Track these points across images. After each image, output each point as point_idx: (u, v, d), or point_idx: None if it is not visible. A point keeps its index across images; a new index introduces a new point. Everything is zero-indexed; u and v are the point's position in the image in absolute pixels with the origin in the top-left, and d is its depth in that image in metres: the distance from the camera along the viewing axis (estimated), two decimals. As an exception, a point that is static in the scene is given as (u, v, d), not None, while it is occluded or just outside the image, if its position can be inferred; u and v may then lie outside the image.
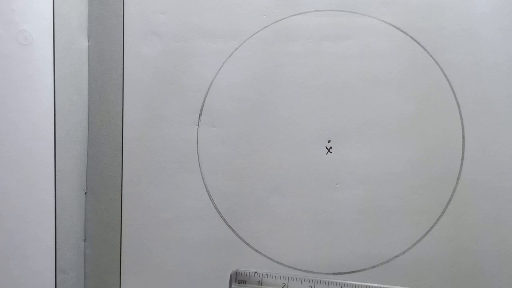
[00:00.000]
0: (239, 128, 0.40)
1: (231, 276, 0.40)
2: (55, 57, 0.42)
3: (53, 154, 0.41)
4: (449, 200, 0.37)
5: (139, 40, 0.41)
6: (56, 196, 0.41)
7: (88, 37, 0.42)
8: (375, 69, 0.39)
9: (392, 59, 0.39)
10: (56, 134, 0.41)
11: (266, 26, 0.40)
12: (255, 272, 0.39)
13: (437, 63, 0.38)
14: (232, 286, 0.39)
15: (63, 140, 0.41)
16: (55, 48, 0.42)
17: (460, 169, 0.38)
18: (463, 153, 0.37)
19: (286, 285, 0.39)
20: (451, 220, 0.38)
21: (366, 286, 0.38)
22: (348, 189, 0.38)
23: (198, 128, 0.40)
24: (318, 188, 0.38)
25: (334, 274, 0.38)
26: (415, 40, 0.38)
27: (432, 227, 0.38)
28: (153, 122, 0.41)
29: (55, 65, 0.41)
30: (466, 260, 0.37)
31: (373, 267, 0.38)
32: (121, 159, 0.41)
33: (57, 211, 0.41)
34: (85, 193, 0.42)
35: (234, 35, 0.41)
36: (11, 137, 0.41)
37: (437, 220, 0.38)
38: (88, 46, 0.42)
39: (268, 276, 0.39)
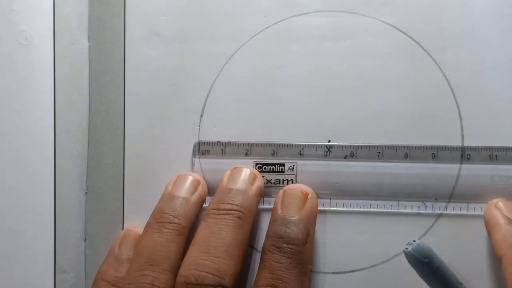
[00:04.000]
0: (239, 129, 0.40)
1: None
2: (55, 57, 0.42)
3: (53, 154, 0.41)
4: (449, 198, 0.38)
5: (140, 41, 0.41)
6: (56, 196, 0.41)
7: (88, 37, 0.42)
8: (375, 69, 0.39)
9: (392, 59, 0.39)
10: (56, 134, 0.41)
11: (267, 27, 0.40)
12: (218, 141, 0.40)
13: (436, 63, 0.38)
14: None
15: (63, 140, 0.41)
16: (55, 48, 0.42)
17: (460, 169, 0.38)
18: (462, 153, 0.38)
19: (249, 151, 0.40)
20: (451, 219, 0.38)
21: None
22: (348, 188, 0.39)
23: (199, 128, 0.41)
24: (318, 189, 0.38)
25: (334, 273, 0.39)
26: (415, 40, 0.39)
27: (432, 226, 0.38)
28: (154, 122, 0.41)
29: (55, 65, 0.42)
30: (466, 258, 0.37)
31: (373, 266, 0.38)
32: (122, 159, 0.41)
33: (57, 211, 0.41)
34: (85, 193, 0.42)
35: (234, 37, 0.41)
36: (11, 137, 0.41)
37: (437, 219, 0.38)
38: (89, 46, 0.42)
39: (231, 145, 0.40)
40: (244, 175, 0.38)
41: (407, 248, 0.33)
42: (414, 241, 0.34)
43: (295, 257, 0.34)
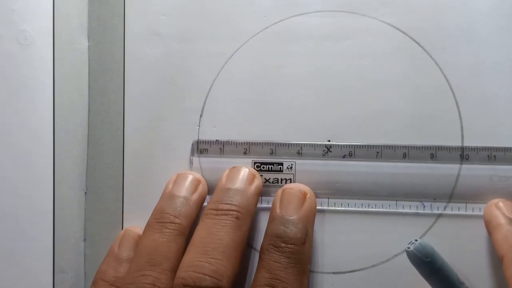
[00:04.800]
0: (239, 128, 0.40)
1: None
2: (55, 57, 0.42)
3: (53, 154, 0.41)
4: (449, 198, 0.38)
5: (140, 41, 0.41)
6: (55, 196, 0.41)
7: (88, 37, 0.42)
8: (375, 69, 0.39)
9: (391, 59, 0.39)
10: (55, 134, 0.41)
11: (266, 27, 0.40)
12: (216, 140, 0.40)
13: (436, 63, 0.38)
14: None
15: (63, 140, 0.41)
16: (55, 48, 0.42)
17: (460, 169, 0.38)
18: (462, 153, 0.38)
19: (248, 150, 0.40)
20: (451, 219, 0.38)
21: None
22: (346, 187, 0.39)
23: (199, 128, 0.41)
24: (316, 188, 0.38)
25: (333, 273, 0.39)
26: (415, 40, 0.39)
27: (431, 226, 0.38)
28: (154, 122, 0.41)
29: (55, 65, 0.42)
30: (466, 259, 0.37)
31: (373, 266, 0.38)
32: (122, 159, 0.41)
33: (56, 211, 0.41)
34: (85, 193, 0.42)
35: (234, 37, 0.41)
36: (10, 136, 0.41)
37: (437, 219, 0.38)
38: (89, 46, 0.42)
39: (230, 143, 0.40)
40: (242, 174, 0.38)
41: (409, 248, 0.33)
42: (416, 240, 0.33)
43: (293, 256, 0.34)
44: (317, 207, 0.38)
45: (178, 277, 0.33)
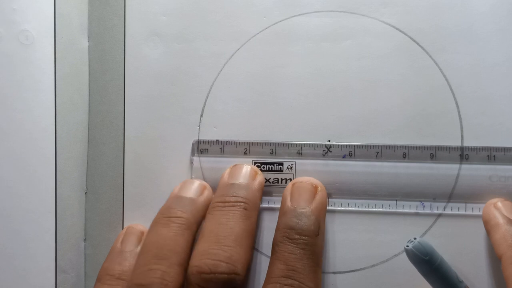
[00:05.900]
0: (239, 129, 0.40)
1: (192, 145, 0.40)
2: (56, 57, 0.42)
3: (54, 154, 0.41)
4: (449, 198, 0.38)
5: (140, 41, 0.41)
6: (57, 196, 0.41)
7: (88, 37, 0.42)
8: (375, 69, 0.39)
9: (391, 59, 0.39)
10: (56, 134, 0.41)
11: (267, 28, 0.41)
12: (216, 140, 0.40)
13: (436, 64, 0.38)
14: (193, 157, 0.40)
15: (63, 140, 0.41)
16: (56, 48, 0.42)
17: (459, 169, 0.38)
18: (462, 153, 0.38)
19: (248, 150, 0.40)
20: (451, 219, 0.38)
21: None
22: (346, 187, 0.39)
23: (199, 128, 0.41)
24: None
25: (333, 273, 0.39)
26: (414, 41, 0.39)
27: (431, 226, 0.38)
28: (154, 122, 0.41)
29: (56, 65, 0.42)
30: (465, 258, 0.37)
31: (373, 266, 0.38)
32: (122, 159, 0.41)
33: (57, 211, 0.41)
34: (86, 193, 0.42)
35: (234, 37, 0.41)
36: (12, 136, 0.41)
37: (437, 218, 0.38)
38: (89, 46, 0.42)
39: (230, 143, 0.40)
40: (245, 171, 0.38)
41: (408, 246, 0.33)
42: (415, 238, 0.33)
43: (308, 248, 0.34)
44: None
45: (192, 266, 0.33)
